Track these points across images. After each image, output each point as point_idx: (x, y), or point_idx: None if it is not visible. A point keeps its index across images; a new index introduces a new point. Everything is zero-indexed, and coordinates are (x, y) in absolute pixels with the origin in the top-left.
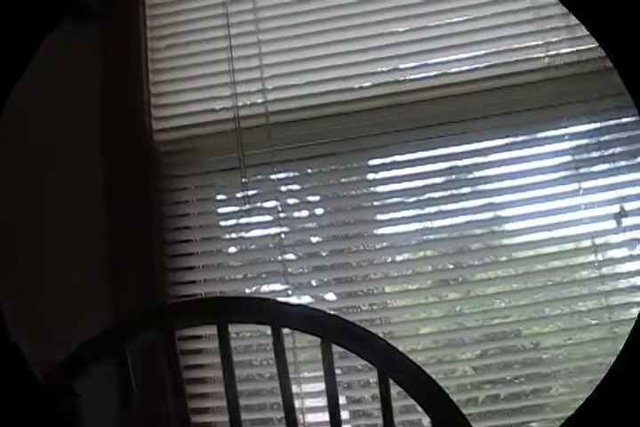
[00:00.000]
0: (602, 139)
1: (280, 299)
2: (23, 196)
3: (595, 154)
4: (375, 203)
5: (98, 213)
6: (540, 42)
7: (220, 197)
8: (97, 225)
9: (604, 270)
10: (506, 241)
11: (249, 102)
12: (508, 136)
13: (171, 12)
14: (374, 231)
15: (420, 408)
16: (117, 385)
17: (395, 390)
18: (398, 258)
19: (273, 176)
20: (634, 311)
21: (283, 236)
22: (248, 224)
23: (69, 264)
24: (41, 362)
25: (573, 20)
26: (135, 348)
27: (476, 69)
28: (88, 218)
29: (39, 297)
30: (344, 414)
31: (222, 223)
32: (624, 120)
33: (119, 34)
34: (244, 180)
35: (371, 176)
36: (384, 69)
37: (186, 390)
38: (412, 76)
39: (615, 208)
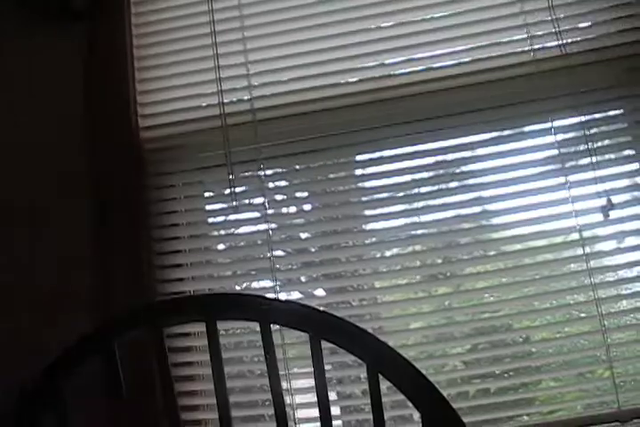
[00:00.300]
0: (588, 132)
1: (269, 295)
2: (8, 194)
3: (581, 147)
4: (363, 198)
5: (84, 211)
6: (525, 36)
7: (207, 194)
8: (84, 223)
9: (593, 263)
10: (494, 235)
11: (235, 99)
12: (494, 130)
13: (156, 9)
14: (363, 227)
15: (410, 403)
16: (106, 383)
17: (385, 385)
18: (387, 253)
19: (260, 173)
20: (622, 304)
21: (271, 232)
22: (236, 221)
23: (56, 263)
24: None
25: (559, 13)
26: (124, 346)
27: (461, 64)
28: (74, 216)
29: (24, 295)
30: (334, 410)
31: (210, 220)
32: (610, 113)
33: (104, 31)
34: (231, 176)
35: (358, 171)
36: (370, 65)
37: (175, 388)
38: (397, 71)
39: (602, 201)
